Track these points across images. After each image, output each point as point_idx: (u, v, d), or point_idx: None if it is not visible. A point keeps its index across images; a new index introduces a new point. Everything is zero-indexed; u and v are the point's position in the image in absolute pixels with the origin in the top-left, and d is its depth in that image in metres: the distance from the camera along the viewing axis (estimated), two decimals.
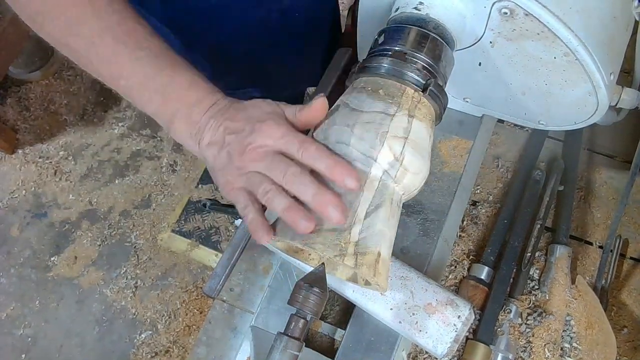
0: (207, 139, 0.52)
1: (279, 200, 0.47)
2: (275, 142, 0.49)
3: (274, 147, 0.49)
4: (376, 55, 0.55)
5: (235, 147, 0.50)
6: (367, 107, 0.51)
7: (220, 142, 0.51)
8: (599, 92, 0.58)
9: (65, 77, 2.17)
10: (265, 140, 0.49)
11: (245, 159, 0.49)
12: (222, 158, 0.51)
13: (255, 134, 0.49)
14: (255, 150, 0.49)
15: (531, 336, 0.80)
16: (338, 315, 0.78)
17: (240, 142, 0.50)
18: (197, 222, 1.86)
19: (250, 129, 0.50)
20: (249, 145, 0.49)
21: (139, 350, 1.72)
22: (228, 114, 0.52)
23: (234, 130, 0.50)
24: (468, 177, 0.81)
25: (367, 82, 0.53)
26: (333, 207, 0.45)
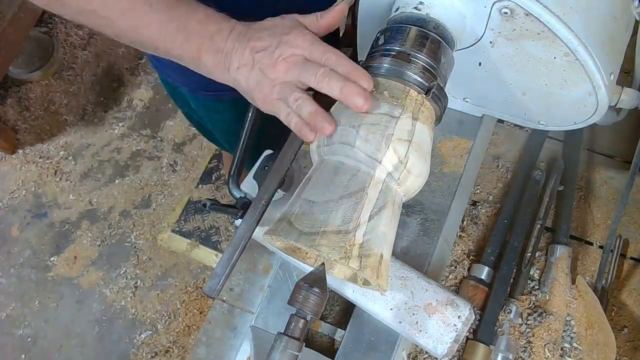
0: (235, 64, 0.55)
1: (306, 106, 0.51)
2: (303, 50, 0.53)
3: (302, 55, 0.53)
4: (376, 55, 0.55)
5: (267, 62, 0.53)
6: (371, 108, 0.51)
7: (250, 63, 0.54)
8: (598, 92, 0.58)
9: (66, 77, 2.17)
10: (293, 50, 0.53)
11: (278, 70, 0.53)
12: (255, 76, 0.54)
13: (283, 47, 0.53)
14: (286, 61, 0.53)
15: (531, 336, 0.80)
16: (338, 315, 0.78)
17: (270, 56, 0.53)
18: (197, 222, 1.86)
19: (277, 43, 0.53)
20: (280, 57, 0.53)
21: (139, 350, 1.71)
22: (249, 35, 0.54)
23: (261, 48, 0.53)
24: (468, 177, 0.81)
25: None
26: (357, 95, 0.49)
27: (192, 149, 2.01)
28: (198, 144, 2.01)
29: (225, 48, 0.55)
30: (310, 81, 0.52)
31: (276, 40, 0.53)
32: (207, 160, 1.97)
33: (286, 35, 0.53)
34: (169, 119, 2.08)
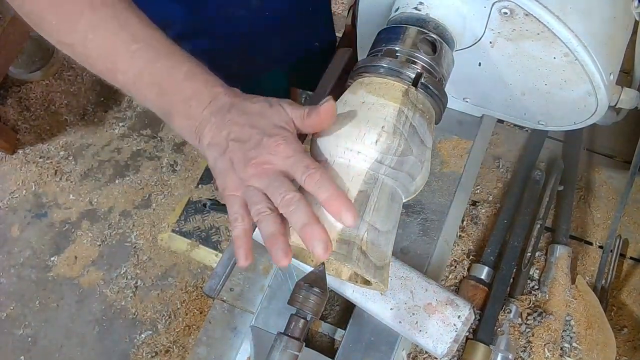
0: (207, 139, 0.50)
1: (266, 225, 0.46)
2: (282, 161, 0.48)
3: (279, 166, 0.48)
4: (377, 55, 0.55)
5: (239, 157, 0.48)
6: (369, 106, 0.51)
7: (222, 147, 0.49)
8: (598, 92, 0.58)
9: (66, 77, 2.17)
10: (271, 158, 0.48)
11: (247, 172, 0.48)
12: (224, 163, 0.49)
13: (262, 149, 0.48)
14: (259, 166, 0.48)
15: (531, 336, 0.80)
16: (338, 315, 0.78)
17: (245, 153, 0.48)
18: (197, 222, 1.86)
19: (256, 142, 0.48)
20: (253, 160, 0.48)
21: (139, 350, 1.72)
22: (231, 115, 0.50)
23: (238, 138, 0.49)
24: (468, 177, 0.81)
25: (368, 81, 0.53)
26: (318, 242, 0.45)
27: (192, 149, 2.01)
28: None
29: (201, 117, 0.50)
30: (275, 200, 0.47)
31: (256, 138, 0.48)
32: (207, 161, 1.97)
33: (268, 137, 0.48)
34: None
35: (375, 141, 0.49)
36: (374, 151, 0.49)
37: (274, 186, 0.47)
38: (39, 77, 2.13)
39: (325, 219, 0.48)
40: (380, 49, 0.55)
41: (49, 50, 2.11)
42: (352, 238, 0.48)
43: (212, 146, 0.50)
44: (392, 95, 0.52)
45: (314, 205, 0.48)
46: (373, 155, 0.50)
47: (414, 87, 0.53)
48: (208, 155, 0.51)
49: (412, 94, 0.53)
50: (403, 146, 0.50)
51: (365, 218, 0.50)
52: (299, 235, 0.46)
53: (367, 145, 0.49)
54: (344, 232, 0.48)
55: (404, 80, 0.52)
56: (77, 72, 2.18)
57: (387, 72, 0.53)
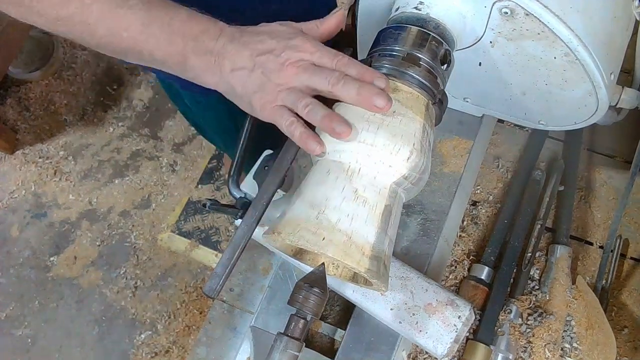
0: (229, 66, 0.52)
1: (317, 111, 0.49)
2: (311, 55, 0.51)
3: (311, 60, 0.51)
4: (377, 55, 0.55)
5: (272, 66, 0.51)
6: (400, 118, 0.50)
7: (249, 66, 0.51)
8: (599, 92, 0.58)
9: (65, 77, 2.17)
10: (301, 54, 0.51)
11: (285, 75, 0.50)
12: (256, 79, 0.51)
13: (290, 50, 0.50)
14: (293, 65, 0.50)
15: (531, 336, 0.80)
16: (338, 315, 0.78)
17: (275, 60, 0.50)
18: (197, 222, 1.86)
19: (283, 47, 0.51)
20: (287, 61, 0.50)
21: (138, 350, 1.71)
22: (245, 37, 0.52)
23: (265, 51, 0.51)
24: (468, 177, 0.81)
25: (394, 87, 0.52)
26: (377, 96, 0.48)
27: (192, 149, 2.01)
28: (198, 144, 2.01)
29: (216, 49, 0.52)
30: (323, 85, 0.50)
31: (281, 43, 0.51)
32: (207, 160, 1.97)
33: (291, 40, 0.51)
34: (169, 119, 2.08)
35: (407, 158, 0.49)
36: (404, 168, 0.49)
37: (316, 74, 0.50)
38: (38, 77, 2.13)
39: (358, 237, 0.48)
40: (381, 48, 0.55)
41: (48, 49, 2.11)
42: (380, 254, 0.49)
43: (236, 70, 0.52)
44: (418, 109, 0.51)
45: None
46: (402, 171, 0.50)
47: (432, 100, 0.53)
48: (234, 82, 0.52)
49: (430, 108, 0.53)
50: (425, 164, 0.51)
51: (388, 233, 0.50)
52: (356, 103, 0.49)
53: (400, 161, 0.49)
54: (374, 248, 0.48)
55: (427, 94, 0.53)
56: (76, 72, 2.18)
57: (417, 84, 0.52)
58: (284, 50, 0.51)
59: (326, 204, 0.49)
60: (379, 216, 0.49)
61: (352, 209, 0.49)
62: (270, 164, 0.65)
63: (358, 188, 0.49)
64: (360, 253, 0.47)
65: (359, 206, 0.49)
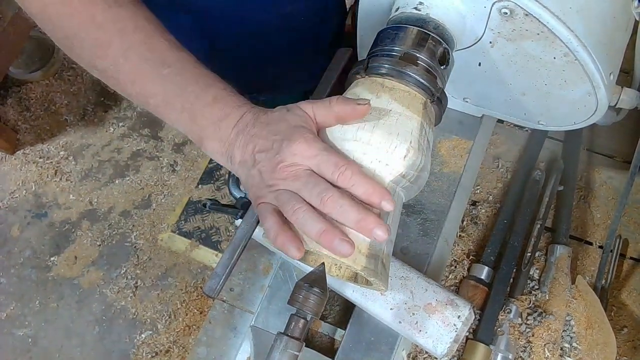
0: (237, 158, 0.51)
1: (312, 223, 0.45)
2: (308, 161, 0.47)
3: (305, 165, 0.47)
4: (377, 55, 0.55)
5: (266, 166, 0.49)
6: (396, 117, 0.50)
7: (250, 161, 0.50)
8: (598, 92, 0.58)
9: (66, 77, 2.17)
10: (295, 158, 0.47)
11: (276, 177, 0.48)
12: (254, 177, 0.50)
13: (285, 152, 0.47)
14: (286, 169, 0.48)
15: (531, 336, 0.80)
16: (338, 315, 0.78)
17: (270, 160, 0.48)
18: (197, 222, 1.86)
19: (278, 147, 0.48)
20: (280, 164, 0.48)
21: (139, 350, 1.71)
22: (255, 129, 0.50)
23: (262, 149, 0.49)
24: (468, 177, 0.81)
25: (391, 86, 0.53)
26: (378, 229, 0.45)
27: (192, 149, 2.01)
28: None
29: (229, 139, 0.51)
30: (314, 202, 0.46)
31: (277, 143, 0.48)
32: (207, 160, 1.97)
33: (288, 140, 0.48)
34: None
35: (404, 156, 0.49)
36: (401, 166, 0.49)
37: (308, 187, 0.46)
38: (39, 77, 2.13)
39: (355, 235, 0.47)
40: (381, 49, 0.55)
41: (49, 50, 2.11)
42: (378, 252, 0.49)
43: (241, 164, 0.51)
44: (416, 108, 0.51)
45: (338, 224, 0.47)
46: (400, 169, 0.50)
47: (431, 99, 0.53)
48: (239, 173, 0.52)
49: (429, 106, 0.53)
50: (423, 163, 0.51)
51: None
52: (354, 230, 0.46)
53: (397, 159, 0.49)
54: (372, 247, 0.48)
55: (425, 92, 0.52)
56: (77, 72, 2.18)
57: (415, 83, 0.52)
58: (279, 151, 0.48)
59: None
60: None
61: None
62: None
63: None
64: (356, 251, 0.48)
65: None
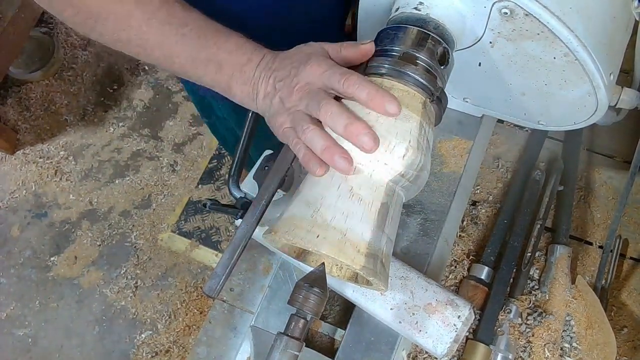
0: (262, 93, 0.55)
1: (317, 140, 0.49)
2: (319, 77, 0.51)
3: (317, 83, 0.51)
4: (376, 55, 0.55)
5: (285, 91, 0.53)
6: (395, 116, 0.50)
7: (272, 92, 0.54)
8: (598, 92, 0.58)
9: (66, 77, 2.17)
10: (308, 77, 0.51)
11: (293, 99, 0.52)
12: (275, 104, 0.54)
13: (300, 75, 0.52)
14: (301, 89, 0.52)
15: (531, 336, 0.80)
16: (338, 315, 0.78)
17: (288, 85, 0.52)
18: (197, 222, 1.86)
19: (295, 72, 0.52)
20: (296, 86, 0.52)
21: (139, 350, 1.72)
22: (275, 64, 0.54)
23: (282, 77, 0.53)
24: (468, 177, 0.81)
25: (390, 85, 0.52)
26: (364, 135, 0.47)
27: (192, 149, 2.01)
28: (198, 144, 2.02)
29: (254, 78, 0.55)
30: (315, 113, 0.50)
31: (295, 69, 0.53)
32: (207, 160, 1.97)
33: (303, 64, 0.52)
34: (169, 119, 2.08)
35: (403, 155, 0.49)
36: (400, 165, 0.49)
37: (312, 100, 0.50)
38: (39, 77, 2.13)
39: (354, 235, 0.48)
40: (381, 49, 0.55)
41: (49, 50, 2.11)
42: (377, 252, 0.49)
43: (265, 97, 0.55)
44: (415, 107, 0.51)
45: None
46: (398, 168, 0.50)
47: (430, 99, 0.53)
48: (264, 108, 0.56)
49: (428, 106, 0.53)
50: (422, 162, 0.51)
51: (386, 231, 0.50)
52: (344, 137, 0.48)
53: (395, 158, 0.49)
54: (371, 246, 0.48)
55: (424, 92, 0.52)
56: (77, 72, 2.18)
57: (414, 82, 0.52)
58: (296, 75, 0.52)
59: (321, 202, 0.49)
60: (375, 214, 0.49)
61: (347, 206, 0.49)
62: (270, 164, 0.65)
63: (353, 186, 0.49)
64: (355, 250, 0.48)
65: (354, 204, 0.49)
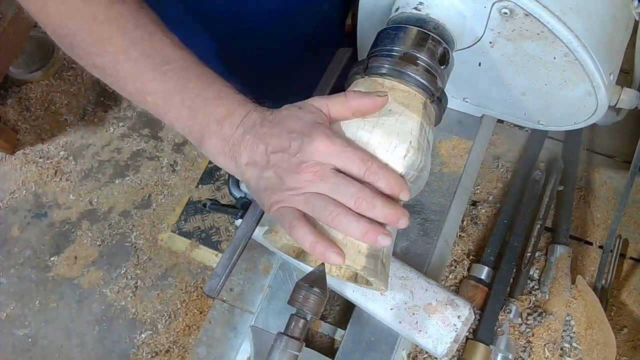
0: (245, 158, 0.48)
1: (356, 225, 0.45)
2: (332, 158, 0.46)
3: (331, 165, 0.46)
4: (377, 55, 0.55)
5: (286, 167, 0.46)
6: (396, 116, 0.50)
7: (263, 162, 0.47)
8: (598, 93, 0.58)
9: (66, 77, 2.17)
10: (319, 157, 0.45)
11: (300, 180, 0.46)
12: (269, 179, 0.47)
13: (307, 152, 0.45)
14: (310, 170, 0.45)
15: (531, 336, 0.80)
16: (338, 315, 0.78)
17: (290, 161, 0.46)
18: (197, 222, 1.86)
19: (297, 146, 0.46)
20: (303, 165, 0.45)
21: (139, 350, 1.72)
22: (264, 129, 0.48)
23: (278, 149, 0.47)
24: (468, 177, 0.81)
25: (390, 85, 0.53)
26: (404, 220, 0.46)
27: (192, 149, 2.01)
28: None
29: (234, 137, 0.49)
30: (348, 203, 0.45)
31: (296, 142, 0.46)
32: (207, 160, 1.97)
33: (308, 137, 0.45)
34: None
35: (403, 156, 0.49)
36: (401, 166, 0.49)
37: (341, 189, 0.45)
38: (39, 77, 2.13)
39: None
40: (381, 49, 0.55)
41: (49, 50, 2.11)
42: (377, 252, 0.49)
43: (250, 165, 0.48)
44: (415, 107, 0.51)
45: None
46: (399, 169, 0.50)
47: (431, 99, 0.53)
48: (247, 175, 0.49)
49: (428, 106, 0.53)
50: (423, 162, 0.51)
51: None
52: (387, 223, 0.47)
53: (396, 159, 0.49)
54: (371, 247, 0.48)
55: (425, 92, 0.52)
56: (77, 72, 2.18)
57: (414, 83, 0.52)
58: (300, 151, 0.46)
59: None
60: None
61: None
62: None
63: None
64: (356, 251, 0.48)
65: None
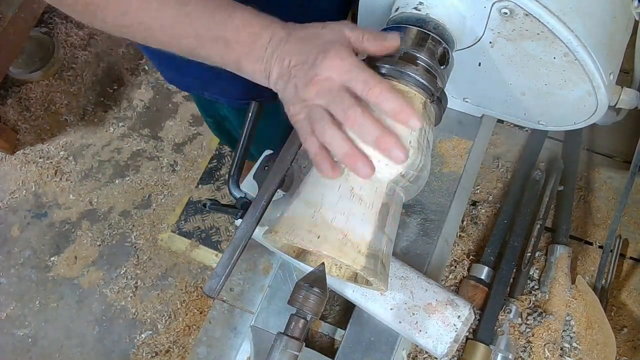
0: (275, 74, 0.52)
1: (339, 143, 0.48)
2: (340, 76, 0.48)
3: (338, 80, 0.48)
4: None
5: (301, 79, 0.50)
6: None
7: (286, 75, 0.51)
8: (598, 92, 0.58)
9: (66, 77, 2.17)
10: (329, 72, 0.49)
11: (309, 91, 0.49)
12: (290, 90, 0.51)
13: (319, 66, 0.49)
14: (319, 83, 0.49)
15: (531, 336, 0.80)
16: (338, 315, 0.78)
17: (305, 74, 0.49)
18: (197, 222, 1.86)
19: (313, 61, 0.49)
20: (314, 77, 0.49)
21: (139, 350, 1.71)
22: (289, 45, 0.51)
23: (298, 62, 0.50)
24: (468, 177, 0.81)
25: None
26: (396, 148, 0.46)
27: (192, 149, 2.01)
28: (198, 144, 2.01)
29: (265, 56, 0.52)
30: (339, 116, 0.48)
31: (312, 56, 0.49)
32: (207, 160, 1.97)
33: (323, 53, 0.49)
34: (169, 119, 2.08)
35: None
36: (401, 165, 0.49)
37: (335, 102, 0.48)
38: (39, 77, 2.13)
39: (355, 235, 0.48)
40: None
41: (49, 50, 2.11)
42: (377, 252, 0.49)
43: (278, 79, 0.52)
44: (415, 107, 0.51)
45: None
46: (399, 169, 0.50)
47: (431, 100, 0.53)
48: (278, 89, 0.53)
49: (428, 106, 0.53)
50: (423, 162, 0.51)
51: (386, 231, 0.50)
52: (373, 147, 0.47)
53: None
54: (371, 246, 0.48)
55: (424, 92, 0.52)
56: (77, 72, 2.18)
57: (414, 83, 0.52)
58: (314, 66, 0.49)
59: (322, 202, 0.49)
60: (375, 214, 0.49)
61: (347, 207, 0.49)
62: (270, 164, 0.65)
63: (354, 186, 0.49)
64: (355, 251, 0.48)
65: (354, 204, 0.49)
